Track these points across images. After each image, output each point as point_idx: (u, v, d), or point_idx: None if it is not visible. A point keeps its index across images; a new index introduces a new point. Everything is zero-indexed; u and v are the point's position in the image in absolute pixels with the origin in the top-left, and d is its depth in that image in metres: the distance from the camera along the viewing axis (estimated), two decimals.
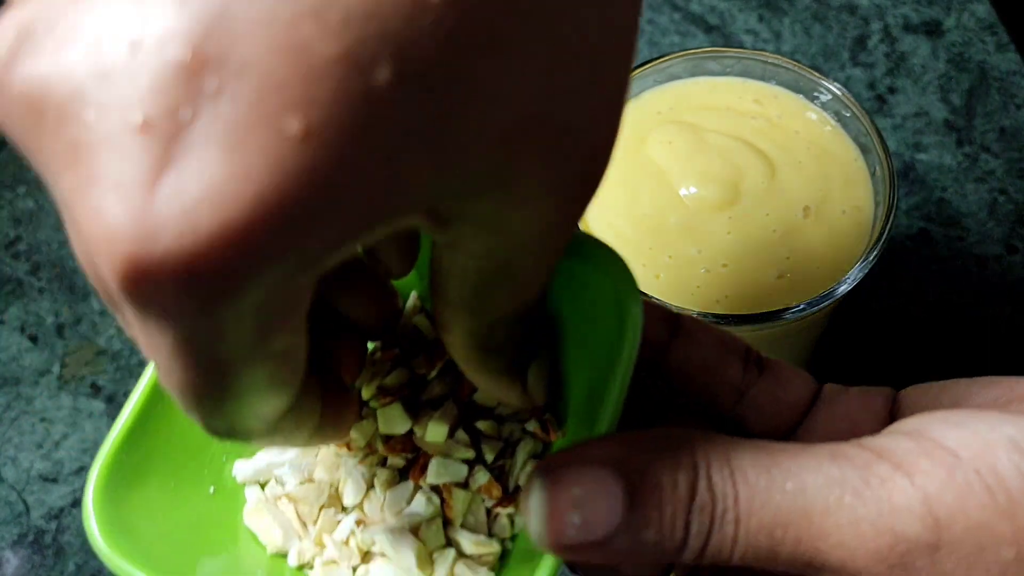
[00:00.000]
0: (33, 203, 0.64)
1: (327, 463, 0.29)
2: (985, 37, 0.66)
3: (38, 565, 0.52)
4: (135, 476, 0.27)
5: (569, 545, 0.22)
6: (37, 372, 0.58)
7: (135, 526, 0.27)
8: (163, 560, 0.26)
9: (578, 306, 0.27)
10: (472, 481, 0.28)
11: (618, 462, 0.22)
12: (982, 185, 0.60)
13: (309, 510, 0.28)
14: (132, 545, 0.26)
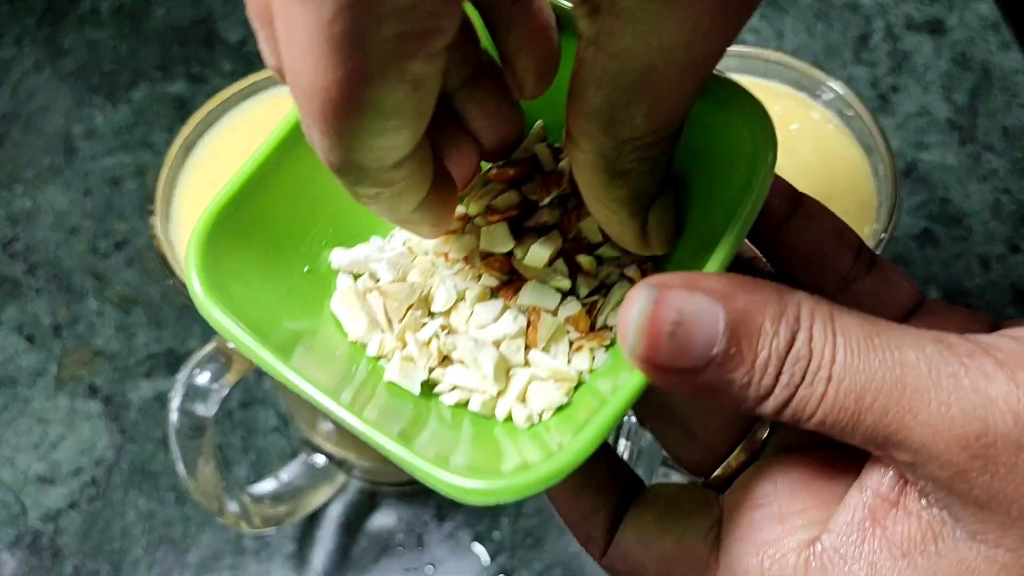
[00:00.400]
0: (30, 202, 0.64)
1: (423, 268, 0.29)
2: (988, 36, 0.65)
3: (35, 567, 0.52)
4: (238, 234, 0.28)
5: (659, 364, 0.21)
6: (34, 373, 0.57)
7: (228, 281, 0.27)
8: (249, 317, 0.26)
9: (704, 153, 0.27)
10: (561, 311, 0.28)
11: (725, 296, 0.21)
12: (985, 184, 0.60)
13: (397, 307, 0.29)
14: (224, 297, 0.26)
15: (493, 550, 0.51)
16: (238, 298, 0.27)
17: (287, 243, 0.29)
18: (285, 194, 0.29)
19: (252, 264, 0.28)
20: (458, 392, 0.27)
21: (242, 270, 0.28)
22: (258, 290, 0.28)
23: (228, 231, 0.28)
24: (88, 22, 0.71)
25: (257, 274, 0.28)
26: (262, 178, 0.28)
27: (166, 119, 0.66)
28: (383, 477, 0.52)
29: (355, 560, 0.51)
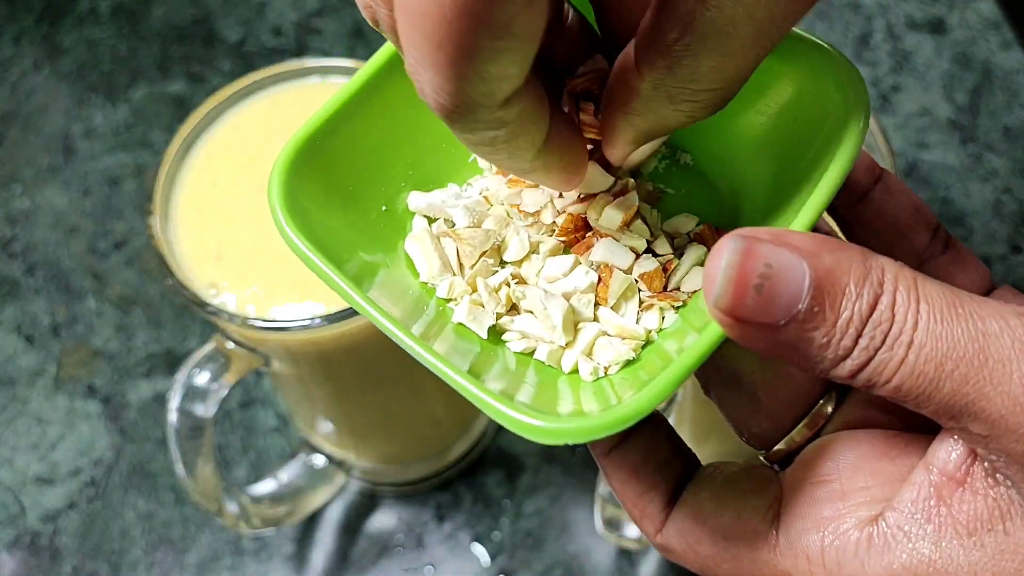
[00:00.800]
0: (29, 202, 0.63)
1: (498, 218, 0.30)
2: (989, 35, 0.65)
3: (34, 567, 0.52)
4: (320, 166, 0.28)
5: (742, 316, 0.21)
6: (33, 373, 0.57)
7: (308, 210, 0.28)
8: (326, 247, 0.27)
9: (790, 112, 0.27)
10: (634, 269, 0.28)
11: (812, 254, 0.21)
12: (986, 184, 0.59)
13: (470, 252, 0.29)
14: (303, 225, 0.27)
15: (493, 551, 0.51)
16: (317, 227, 0.27)
17: (367, 180, 0.30)
18: (368, 132, 0.29)
19: (332, 196, 0.29)
20: (525, 340, 0.28)
21: (322, 201, 0.28)
22: (335, 222, 0.28)
23: (310, 162, 0.28)
24: (87, 21, 0.71)
25: (336, 206, 0.29)
26: (347, 113, 0.28)
27: (165, 118, 0.66)
28: (382, 478, 0.52)
29: (354, 561, 0.51)
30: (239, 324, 0.37)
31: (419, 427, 0.50)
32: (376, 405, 0.46)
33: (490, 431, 0.54)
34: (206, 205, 0.41)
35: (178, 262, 0.40)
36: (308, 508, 0.49)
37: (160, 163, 0.41)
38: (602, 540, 0.50)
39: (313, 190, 0.28)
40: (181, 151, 0.42)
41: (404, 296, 0.29)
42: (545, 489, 0.52)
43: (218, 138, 0.42)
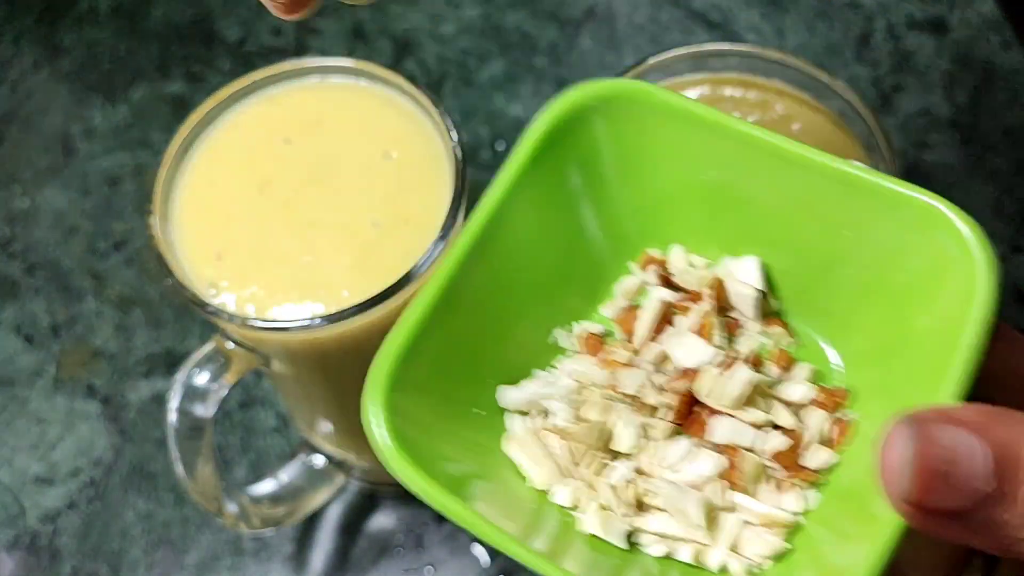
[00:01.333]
0: (28, 202, 0.63)
1: (597, 404, 0.28)
2: (990, 35, 0.65)
3: (33, 568, 0.52)
4: (410, 381, 0.27)
5: (932, 507, 0.20)
6: (32, 373, 0.57)
7: (408, 434, 0.26)
8: (442, 476, 0.26)
9: (898, 261, 0.27)
10: (762, 446, 0.27)
11: (983, 428, 0.21)
12: (987, 184, 0.59)
13: (581, 449, 0.28)
14: (415, 456, 0.26)
15: (493, 551, 0.51)
16: (421, 452, 0.26)
17: (455, 385, 0.29)
18: (450, 337, 0.28)
19: (424, 409, 0.28)
20: (663, 543, 0.26)
21: (418, 420, 0.27)
22: (437, 439, 0.27)
23: (401, 381, 0.27)
24: (86, 21, 0.71)
25: (431, 422, 0.28)
26: (428, 325, 0.28)
27: (165, 118, 0.66)
28: (383, 478, 0.52)
29: (354, 561, 0.51)
30: (239, 324, 0.37)
31: None
32: None
33: None
34: (206, 205, 0.41)
35: (178, 262, 0.40)
36: (308, 508, 0.49)
37: (160, 163, 0.41)
38: None
39: (408, 410, 0.27)
40: (181, 151, 0.42)
41: (517, 506, 0.27)
42: None
43: (218, 138, 0.42)
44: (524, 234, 0.30)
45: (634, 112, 0.30)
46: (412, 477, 0.25)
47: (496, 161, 0.62)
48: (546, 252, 0.31)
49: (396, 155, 0.41)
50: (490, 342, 0.30)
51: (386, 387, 0.27)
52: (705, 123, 0.29)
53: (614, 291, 0.32)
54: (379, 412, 0.26)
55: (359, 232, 0.40)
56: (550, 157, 0.30)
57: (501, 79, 0.66)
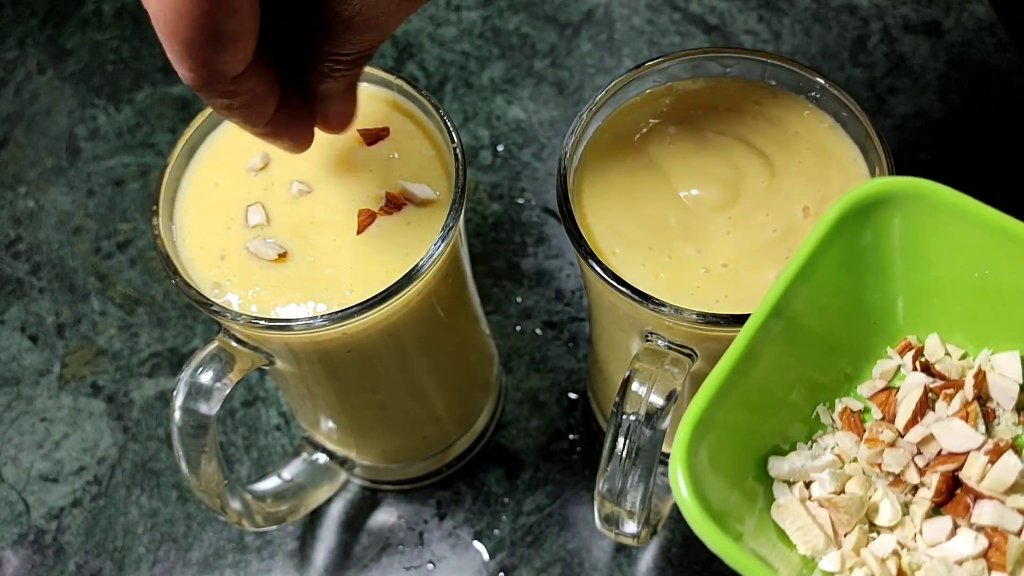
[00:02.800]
0: (33, 203, 0.64)
1: (859, 479, 0.31)
2: (984, 37, 0.66)
3: (38, 565, 0.52)
4: (706, 447, 0.30)
5: None
6: (37, 372, 0.58)
7: (708, 497, 0.29)
8: (731, 533, 0.28)
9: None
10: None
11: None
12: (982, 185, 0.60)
13: (846, 520, 0.30)
14: (711, 514, 0.28)
15: (493, 547, 0.51)
16: (713, 506, 0.29)
17: (736, 450, 0.31)
18: (740, 401, 0.31)
19: (718, 478, 0.30)
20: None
21: (714, 486, 0.29)
22: (727, 503, 0.30)
23: (699, 439, 0.29)
24: (91, 24, 0.72)
25: (722, 486, 0.30)
26: (726, 386, 0.30)
27: (169, 120, 0.67)
28: (384, 475, 0.53)
29: (356, 558, 0.51)
30: (242, 323, 0.38)
31: (420, 425, 0.50)
32: (377, 403, 0.47)
33: (490, 430, 0.54)
34: (210, 206, 0.41)
35: (182, 262, 0.40)
36: (310, 505, 0.49)
37: (164, 164, 0.41)
38: (601, 536, 0.50)
39: (703, 470, 0.29)
40: (185, 152, 0.42)
41: (788, 569, 0.29)
42: (545, 486, 0.52)
43: (222, 140, 0.43)
44: (811, 305, 0.33)
45: (926, 207, 0.33)
46: (713, 535, 0.28)
47: (496, 162, 0.63)
48: (824, 326, 0.34)
49: (397, 156, 0.42)
50: (768, 410, 0.32)
51: (688, 446, 0.29)
52: (991, 225, 0.32)
53: (872, 373, 0.34)
54: (683, 471, 0.28)
55: (362, 232, 0.40)
56: (846, 235, 0.33)
57: (501, 82, 0.66)
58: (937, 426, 0.31)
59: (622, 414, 0.37)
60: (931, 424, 0.32)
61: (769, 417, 0.33)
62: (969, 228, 0.32)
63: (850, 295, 0.34)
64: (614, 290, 0.37)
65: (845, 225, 0.33)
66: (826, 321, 0.34)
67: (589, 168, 0.41)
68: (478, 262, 0.59)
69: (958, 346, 0.34)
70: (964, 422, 0.31)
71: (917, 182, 0.33)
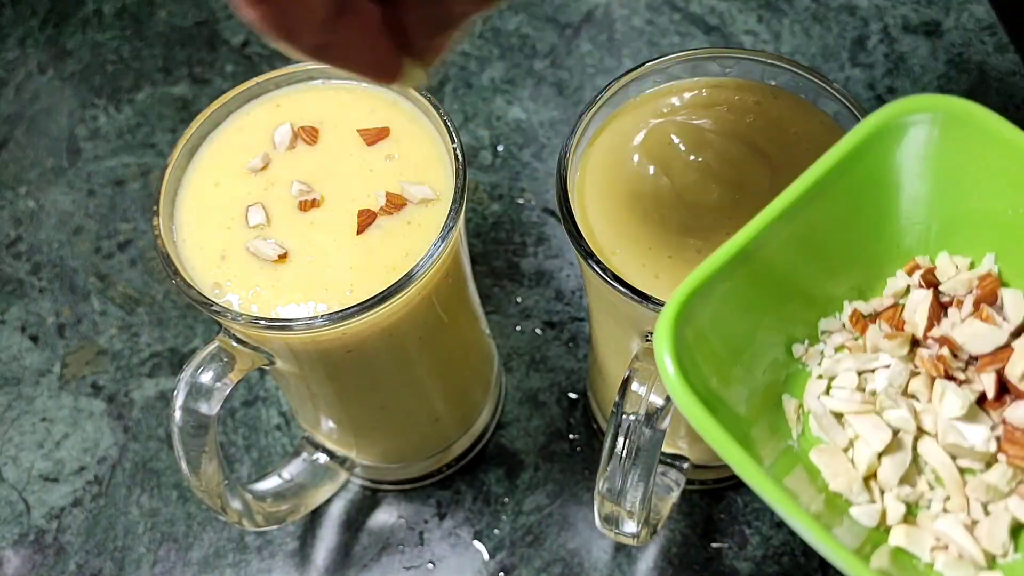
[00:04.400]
0: (34, 203, 0.64)
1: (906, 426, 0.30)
2: (984, 38, 0.66)
3: (39, 564, 0.52)
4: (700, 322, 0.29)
5: None
6: (38, 372, 0.58)
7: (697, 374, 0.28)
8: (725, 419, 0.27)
9: None
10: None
11: None
12: None
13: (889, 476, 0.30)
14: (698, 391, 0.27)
15: (493, 547, 0.51)
16: (703, 385, 0.28)
17: (740, 330, 0.31)
18: (742, 286, 0.30)
19: (714, 361, 0.30)
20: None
21: (701, 353, 0.29)
22: (717, 377, 0.29)
23: (690, 314, 0.29)
24: (91, 24, 0.72)
25: (720, 372, 0.30)
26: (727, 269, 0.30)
27: (169, 120, 0.67)
28: (384, 475, 0.53)
29: (356, 557, 0.51)
30: (243, 323, 0.38)
31: (420, 425, 0.50)
32: (377, 403, 0.47)
33: (490, 430, 0.54)
34: (210, 206, 0.41)
35: (182, 262, 0.40)
36: (310, 505, 0.49)
37: (165, 164, 0.41)
38: (601, 536, 0.50)
39: (694, 346, 0.29)
40: (186, 153, 0.42)
41: (811, 494, 0.29)
42: (545, 486, 0.52)
43: (223, 140, 0.43)
44: (831, 208, 0.32)
45: (970, 133, 0.31)
46: (695, 411, 0.27)
47: (496, 162, 0.63)
48: (841, 236, 0.33)
49: (398, 156, 0.42)
50: (768, 306, 0.31)
51: (675, 319, 0.28)
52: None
53: (883, 291, 0.34)
54: (668, 342, 0.28)
55: (362, 232, 0.40)
56: (878, 146, 0.32)
57: (501, 82, 0.66)
58: (956, 330, 0.31)
59: (622, 414, 0.37)
60: (948, 329, 0.31)
61: (769, 312, 0.32)
62: (1010, 160, 0.31)
63: (873, 211, 0.33)
64: (614, 290, 0.37)
65: (878, 137, 0.32)
66: (843, 233, 0.33)
67: (589, 168, 0.42)
68: (478, 262, 0.59)
69: (967, 256, 0.33)
70: (983, 322, 0.31)
71: (965, 104, 0.32)
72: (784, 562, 0.49)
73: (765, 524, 0.50)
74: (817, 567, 0.49)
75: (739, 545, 0.50)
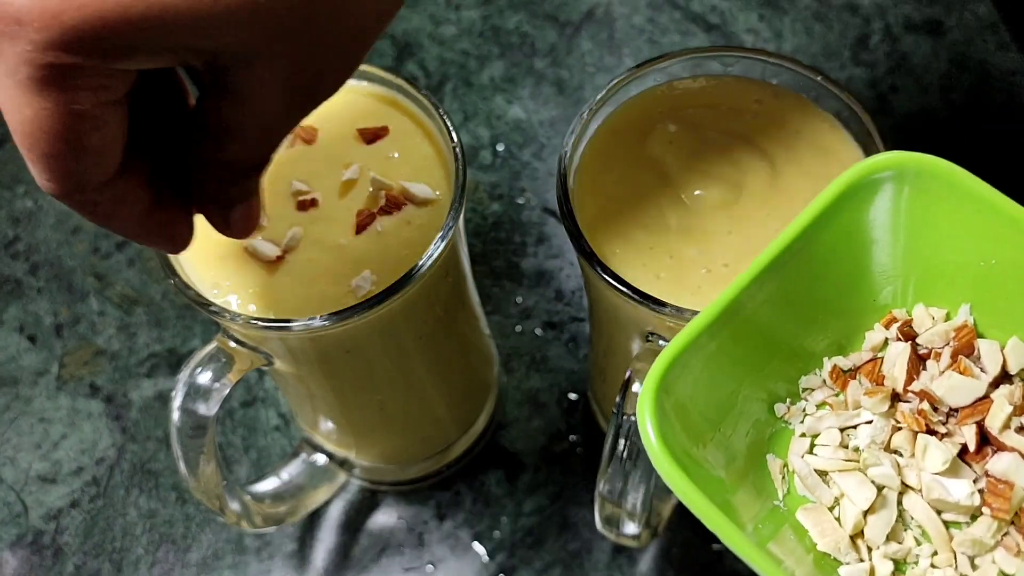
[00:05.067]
0: (32, 203, 0.64)
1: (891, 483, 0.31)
2: (986, 36, 0.66)
3: (37, 566, 0.52)
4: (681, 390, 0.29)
5: None
6: (35, 372, 0.58)
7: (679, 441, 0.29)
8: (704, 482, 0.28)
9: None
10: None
11: None
12: None
13: (876, 534, 0.30)
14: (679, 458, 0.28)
15: (493, 549, 0.51)
16: (685, 452, 0.28)
17: (721, 396, 0.31)
18: (722, 350, 0.31)
19: (689, 416, 0.30)
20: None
21: (683, 421, 0.29)
22: (698, 444, 0.30)
23: (672, 382, 0.29)
24: None
25: (694, 426, 0.30)
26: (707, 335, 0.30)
27: None
28: (383, 476, 0.53)
29: (355, 559, 0.51)
30: (241, 323, 0.38)
31: (419, 426, 0.50)
32: (376, 404, 0.47)
33: (490, 430, 0.54)
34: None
35: (181, 262, 0.40)
36: (309, 506, 0.49)
37: None
38: (602, 538, 0.50)
39: (675, 414, 0.29)
40: None
41: (800, 555, 0.30)
42: (545, 488, 0.52)
43: None
44: (808, 266, 0.33)
45: (937, 187, 0.32)
46: (676, 477, 0.27)
47: (496, 162, 0.63)
48: (818, 294, 0.33)
49: (398, 155, 0.42)
50: (749, 366, 0.32)
51: (657, 388, 0.29)
52: (1003, 213, 0.31)
53: (861, 346, 0.34)
54: (650, 412, 0.28)
55: (361, 232, 0.40)
56: (852, 204, 0.33)
57: (501, 81, 0.66)
58: (935, 383, 0.31)
59: (623, 415, 0.37)
60: (927, 383, 0.32)
61: (750, 373, 0.32)
62: (980, 214, 0.32)
63: (848, 267, 0.34)
64: (614, 290, 0.37)
65: (851, 195, 0.32)
66: (820, 290, 0.33)
67: (589, 168, 0.41)
68: (478, 262, 0.59)
69: (942, 308, 0.34)
70: (961, 375, 0.31)
71: (930, 160, 0.32)
72: None
73: None
74: None
75: None
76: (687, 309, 0.36)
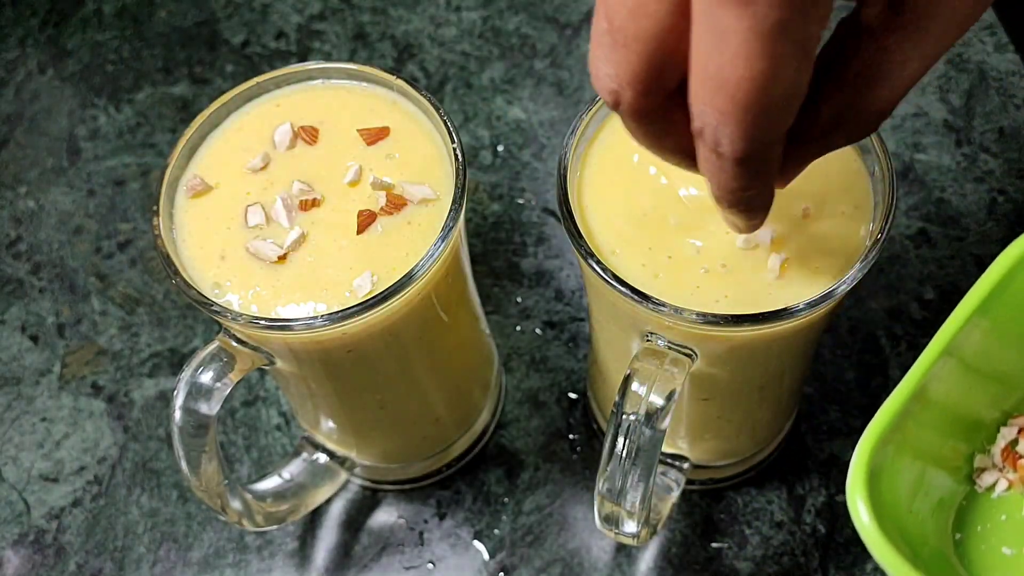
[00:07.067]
0: (34, 203, 0.64)
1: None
2: (984, 37, 0.66)
3: (39, 565, 0.52)
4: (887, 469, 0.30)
5: None
6: (38, 372, 0.58)
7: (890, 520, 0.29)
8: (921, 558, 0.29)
9: None
10: None
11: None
12: (981, 185, 0.60)
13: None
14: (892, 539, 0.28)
15: (493, 547, 0.51)
16: (897, 531, 0.29)
17: (920, 470, 0.32)
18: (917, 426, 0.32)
19: (897, 493, 0.31)
20: None
21: (891, 499, 0.30)
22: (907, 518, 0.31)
23: (878, 462, 0.30)
24: (91, 24, 0.72)
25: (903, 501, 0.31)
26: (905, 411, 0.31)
27: (169, 120, 0.67)
28: (384, 475, 0.53)
29: (356, 557, 0.51)
30: (243, 323, 0.38)
31: (420, 425, 0.50)
32: (377, 403, 0.47)
33: (490, 430, 0.54)
34: (210, 206, 0.42)
35: (182, 262, 0.40)
36: (310, 505, 0.50)
37: (165, 164, 0.42)
38: (601, 536, 0.50)
39: (884, 493, 0.30)
40: (186, 153, 0.42)
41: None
42: (545, 486, 0.52)
43: (222, 140, 0.43)
44: (988, 338, 0.33)
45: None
46: (892, 560, 0.28)
47: (496, 162, 0.63)
48: (998, 361, 0.34)
49: (398, 156, 0.42)
50: (938, 439, 0.33)
51: (868, 463, 0.29)
52: None
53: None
54: (861, 487, 0.29)
55: (362, 232, 0.40)
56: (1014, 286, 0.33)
57: (501, 82, 0.66)
58: None
59: (622, 414, 0.37)
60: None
61: (939, 445, 0.33)
62: None
63: (1016, 339, 0.35)
64: (614, 290, 0.37)
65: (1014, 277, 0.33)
66: (1001, 357, 0.34)
67: (589, 168, 0.42)
68: (478, 262, 0.59)
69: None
70: None
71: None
72: (784, 562, 0.49)
73: (765, 524, 0.50)
74: (817, 567, 0.49)
75: (739, 545, 0.50)
76: (686, 309, 0.36)
